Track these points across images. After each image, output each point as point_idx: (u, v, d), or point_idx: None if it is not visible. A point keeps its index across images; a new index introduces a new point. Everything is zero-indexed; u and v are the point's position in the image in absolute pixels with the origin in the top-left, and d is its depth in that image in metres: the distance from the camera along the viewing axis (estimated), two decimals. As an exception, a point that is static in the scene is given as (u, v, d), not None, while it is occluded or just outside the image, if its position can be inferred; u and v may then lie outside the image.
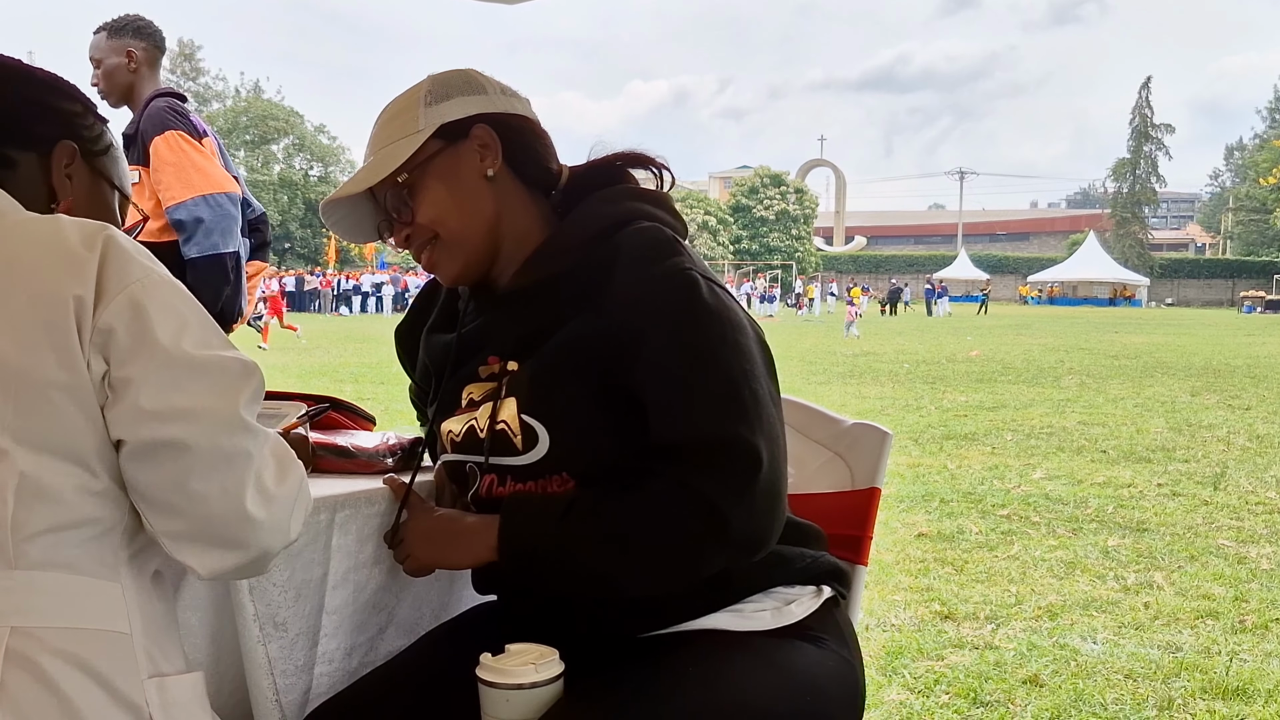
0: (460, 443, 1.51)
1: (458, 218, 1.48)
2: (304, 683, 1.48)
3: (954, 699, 3.13)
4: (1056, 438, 8.42)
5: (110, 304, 1.10)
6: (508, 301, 1.52)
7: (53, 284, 1.10)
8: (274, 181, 57.21)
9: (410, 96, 1.50)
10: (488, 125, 1.49)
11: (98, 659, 1.10)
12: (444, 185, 1.47)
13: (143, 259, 1.15)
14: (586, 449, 1.41)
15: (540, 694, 1.31)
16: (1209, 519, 5.56)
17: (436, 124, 1.46)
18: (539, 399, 1.42)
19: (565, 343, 1.42)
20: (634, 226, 1.46)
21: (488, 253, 1.51)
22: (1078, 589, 4.29)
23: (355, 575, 1.51)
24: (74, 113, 1.33)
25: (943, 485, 6.42)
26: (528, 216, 1.52)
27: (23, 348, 1.08)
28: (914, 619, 3.89)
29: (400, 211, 1.49)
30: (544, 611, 1.49)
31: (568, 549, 1.36)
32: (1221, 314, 47.64)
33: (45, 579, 1.10)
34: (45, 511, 1.09)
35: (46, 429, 1.09)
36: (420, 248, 1.50)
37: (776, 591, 1.49)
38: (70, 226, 1.15)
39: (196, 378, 1.13)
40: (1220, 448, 7.94)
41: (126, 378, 1.11)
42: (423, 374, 1.68)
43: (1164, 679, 3.29)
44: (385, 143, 1.48)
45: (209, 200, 3.41)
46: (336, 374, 14.00)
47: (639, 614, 1.45)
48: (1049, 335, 25.20)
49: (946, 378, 13.85)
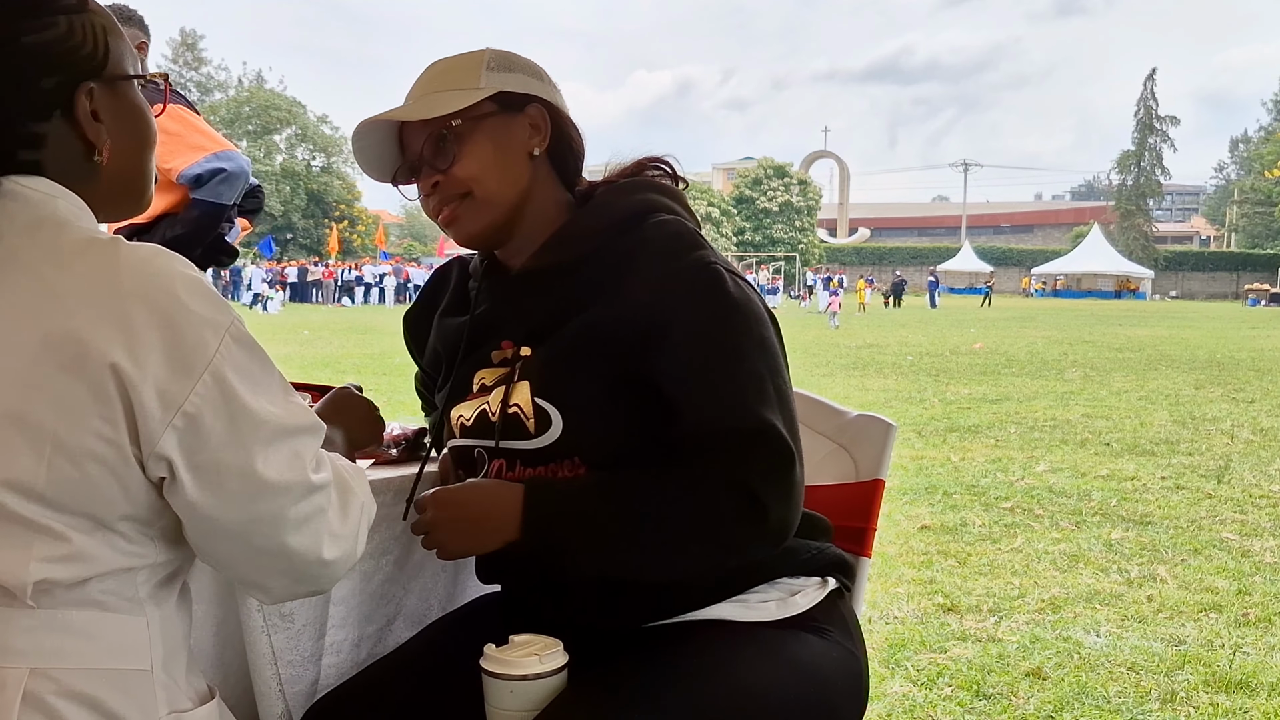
0: (471, 427, 1.51)
1: (496, 180, 1.48)
2: (311, 674, 1.49)
3: (957, 691, 3.13)
4: (1060, 430, 8.41)
5: (195, 386, 1.02)
6: (522, 284, 1.52)
7: (101, 346, 0.99)
8: (276, 172, 57.15)
9: (471, 57, 1.50)
10: (544, 109, 1.50)
11: (115, 700, 1.06)
12: (491, 146, 1.47)
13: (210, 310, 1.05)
14: (600, 434, 1.41)
15: (544, 685, 1.31)
16: (1212, 512, 5.56)
17: (497, 89, 1.47)
18: (554, 382, 1.43)
19: (583, 328, 1.43)
20: (656, 219, 1.48)
21: (509, 224, 1.51)
22: (1081, 582, 4.29)
23: (362, 565, 1.51)
24: (60, 38, 1.10)
25: (946, 478, 6.42)
26: (552, 203, 1.53)
27: (61, 412, 0.99)
28: (917, 611, 3.89)
29: (439, 159, 1.47)
30: (548, 602, 1.49)
31: (597, 527, 1.35)
32: (1226, 307, 47.56)
33: (70, 617, 1.05)
34: (70, 570, 1.04)
35: (77, 496, 1.02)
36: (446, 200, 1.49)
37: (781, 582, 1.49)
38: (128, 267, 1.03)
39: (277, 449, 1.08)
40: (1224, 441, 7.93)
41: (213, 463, 1.04)
42: (432, 359, 1.67)
43: (1167, 672, 3.29)
44: (438, 89, 1.48)
45: (222, 155, 3.43)
46: (340, 365, 14.00)
47: (644, 605, 1.45)
48: (1053, 328, 25.16)
49: (950, 370, 13.84)
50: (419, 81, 1.52)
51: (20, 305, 1.02)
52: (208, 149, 3.43)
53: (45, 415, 0.99)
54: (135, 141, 1.18)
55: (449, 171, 1.47)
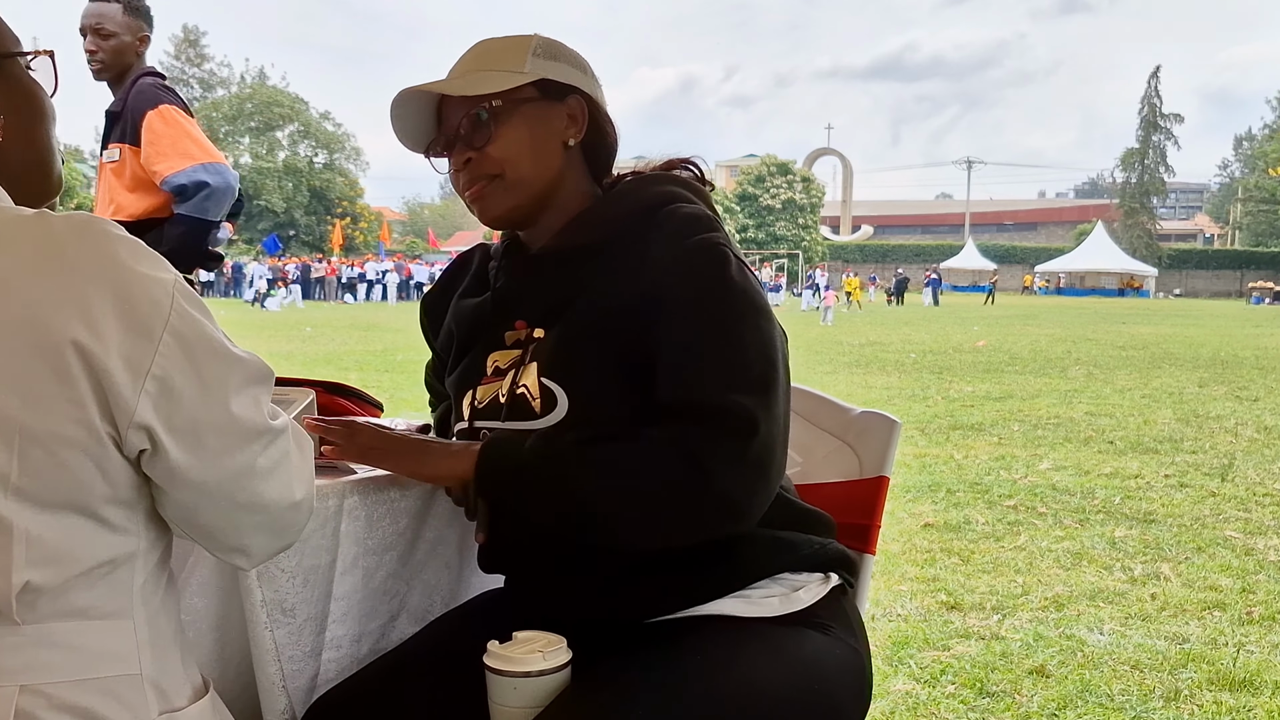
0: (481, 409, 1.51)
1: (529, 164, 1.49)
2: (311, 668, 1.48)
3: (960, 689, 3.13)
4: (1064, 428, 8.41)
5: (159, 348, 1.00)
6: (541, 264, 1.54)
7: (59, 325, 0.96)
8: (279, 168, 57.20)
9: (518, 41, 1.52)
10: (583, 101, 1.52)
11: (106, 708, 1.06)
12: (528, 130, 1.49)
13: (155, 269, 1.03)
14: (604, 414, 1.41)
15: (547, 681, 1.31)
16: (1216, 510, 5.55)
17: (540, 75, 1.48)
18: (561, 362, 1.44)
19: (591, 308, 1.44)
20: (675, 205, 1.49)
21: (536, 208, 1.52)
22: (1084, 580, 4.29)
23: (364, 561, 1.51)
24: None
25: (949, 475, 6.41)
26: (579, 193, 1.55)
27: (26, 399, 0.96)
28: (920, 609, 3.88)
29: (475, 136, 1.48)
30: (551, 596, 1.49)
31: (551, 473, 1.35)
32: (1230, 305, 47.52)
33: (54, 631, 1.04)
34: (54, 571, 1.02)
35: (54, 485, 1.00)
36: (475, 179, 1.50)
37: (784, 578, 1.48)
38: (67, 240, 1.00)
39: (243, 397, 1.09)
40: (1228, 439, 7.93)
41: (190, 422, 1.04)
42: (445, 341, 1.68)
43: (1171, 670, 3.29)
44: (482, 68, 1.49)
45: (209, 167, 3.42)
46: (342, 362, 14.01)
47: (646, 599, 1.45)
48: (1056, 326, 25.14)
49: (953, 368, 13.83)
50: (464, 57, 1.54)
51: None
52: (196, 158, 3.41)
53: (9, 403, 0.96)
54: (29, 118, 1.18)
55: (483, 150, 1.48)
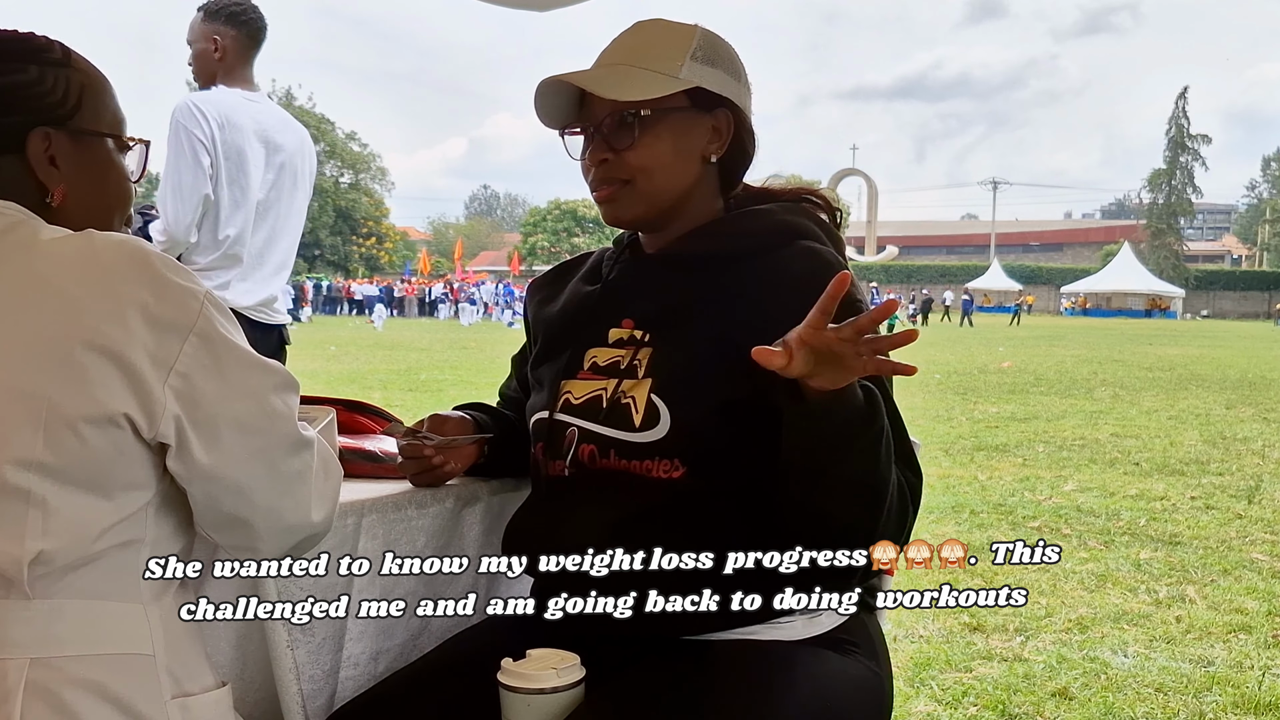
0: (578, 405, 1.49)
1: (665, 177, 1.48)
2: (329, 688, 1.49)
3: (982, 711, 3.11)
4: (1089, 450, 8.34)
5: (184, 348, 1.09)
6: (660, 265, 1.53)
7: (95, 320, 1.06)
8: (306, 189, 57.43)
9: (679, 36, 1.49)
10: (731, 115, 1.50)
11: (119, 684, 1.09)
12: (671, 141, 1.47)
13: (187, 280, 1.12)
14: (706, 445, 1.41)
15: (561, 699, 1.31)
16: (1242, 532, 5.49)
17: (695, 83, 1.46)
18: (678, 383, 1.43)
19: (710, 326, 1.43)
20: (809, 245, 1.47)
21: (664, 217, 1.52)
22: (1109, 601, 4.25)
23: (381, 580, 1.51)
24: (27, 84, 1.18)
25: (973, 496, 6.38)
26: (709, 207, 1.55)
27: (58, 383, 1.05)
28: (942, 630, 3.86)
29: (616, 138, 1.47)
30: (569, 615, 1.49)
31: (882, 433, 1.35)
32: (1257, 326, 47.07)
33: (66, 607, 1.08)
34: (68, 546, 1.07)
35: (76, 463, 1.06)
36: (607, 180, 1.49)
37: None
38: (108, 251, 1.10)
39: (266, 400, 1.15)
40: (1255, 461, 7.85)
41: (211, 418, 1.11)
42: (541, 325, 1.65)
43: (1195, 693, 3.25)
44: (640, 64, 1.46)
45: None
46: (365, 381, 14.06)
47: (665, 618, 1.44)
48: (1082, 347, 24.97)
49: (978, 388, 13.76)
50: (623, 43, 1.51)
51: (10, 292, 1.08)
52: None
53: (44, 385, 1.04)
54: (97, 196, 1.23)
55: (622, 154, 1.46)
